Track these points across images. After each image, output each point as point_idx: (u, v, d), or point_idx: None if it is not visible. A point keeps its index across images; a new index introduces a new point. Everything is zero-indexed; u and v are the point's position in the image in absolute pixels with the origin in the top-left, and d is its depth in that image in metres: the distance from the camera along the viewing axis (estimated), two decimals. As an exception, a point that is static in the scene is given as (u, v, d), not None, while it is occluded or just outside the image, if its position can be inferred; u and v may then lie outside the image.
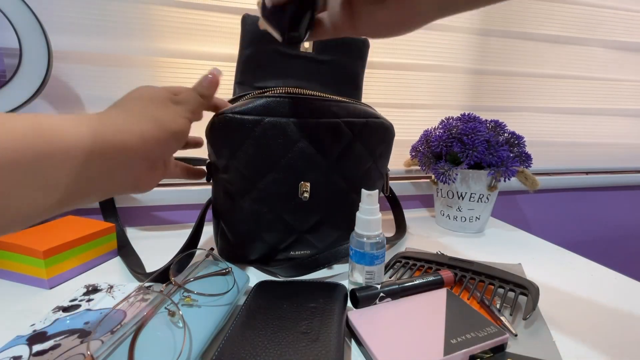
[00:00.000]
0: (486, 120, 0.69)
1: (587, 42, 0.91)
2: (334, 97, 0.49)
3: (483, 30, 0.82)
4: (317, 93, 0.48)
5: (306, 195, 0.48)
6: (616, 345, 0.36)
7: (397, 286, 0.41)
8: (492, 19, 0.82)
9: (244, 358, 0.29)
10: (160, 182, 0.71)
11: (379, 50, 0.76)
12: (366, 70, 0.58)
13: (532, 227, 1.01)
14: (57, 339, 0.34)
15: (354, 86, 0.56)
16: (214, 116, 0.46)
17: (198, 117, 0.36)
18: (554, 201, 1.01)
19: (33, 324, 0.36)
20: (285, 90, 0.47)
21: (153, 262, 0.51)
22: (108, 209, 0.63)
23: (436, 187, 0.73)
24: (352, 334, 0.36)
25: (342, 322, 0.36)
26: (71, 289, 0.44)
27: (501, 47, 0.85)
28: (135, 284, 0.45)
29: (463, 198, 0.68)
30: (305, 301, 0.38)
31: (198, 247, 0.52)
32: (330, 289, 0.41)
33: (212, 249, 0.53)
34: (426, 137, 0.72)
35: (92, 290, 0.43)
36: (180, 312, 0.36)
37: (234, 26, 0.66)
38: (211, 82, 0.36)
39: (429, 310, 0.38)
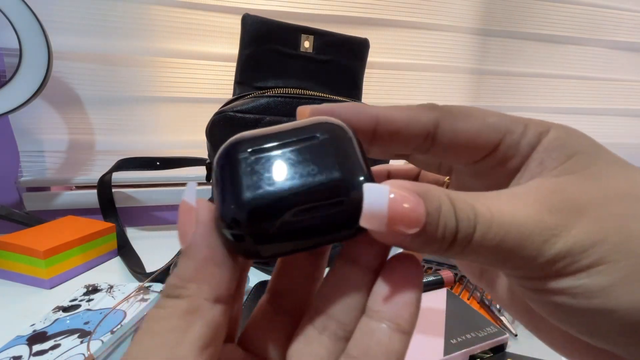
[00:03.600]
0: (486, 120, 0.69)
1: (587, 42, 0.90)
2: (334, 97, 0.49)
3: (483, 30, 0.82)
4: (317, 93, 0.48)
5: (306, 195, 0.48)
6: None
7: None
8: (492, 19, 0.82)
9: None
10: (160, 182, 0.70)
11: (379, 50, 0.76)
12: (366, 70, 0.58)
13: (532, 227, 1.01)
14: (57, 339, 0.34)
15: (354, 86, 0.56)
16: (215, 114, 0.46)
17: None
18: (554, 201, 1.01)
19: (33, 324, 0.36)
20: (287, 90, 0.47)
21: (153, 262, 0.51)
22: (108, 209, 0.63)
23: (436, 187, 0.73)
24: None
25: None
26: (71, 289, 0.44)
27: (501, 47, 0.85)
28: (135, 284, 0.45)
29: (463, 198, 0.68)
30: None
31: (198, 247, 0.52)
32: None
33: (212, 249, 0.53)
34: (426, 137, 0.72)
35: (92, 290, 0.43)
36: (180, 312, 0.36)
37: (234, 26, 0.66)
38: None
39: (429, 310, 0.38)
